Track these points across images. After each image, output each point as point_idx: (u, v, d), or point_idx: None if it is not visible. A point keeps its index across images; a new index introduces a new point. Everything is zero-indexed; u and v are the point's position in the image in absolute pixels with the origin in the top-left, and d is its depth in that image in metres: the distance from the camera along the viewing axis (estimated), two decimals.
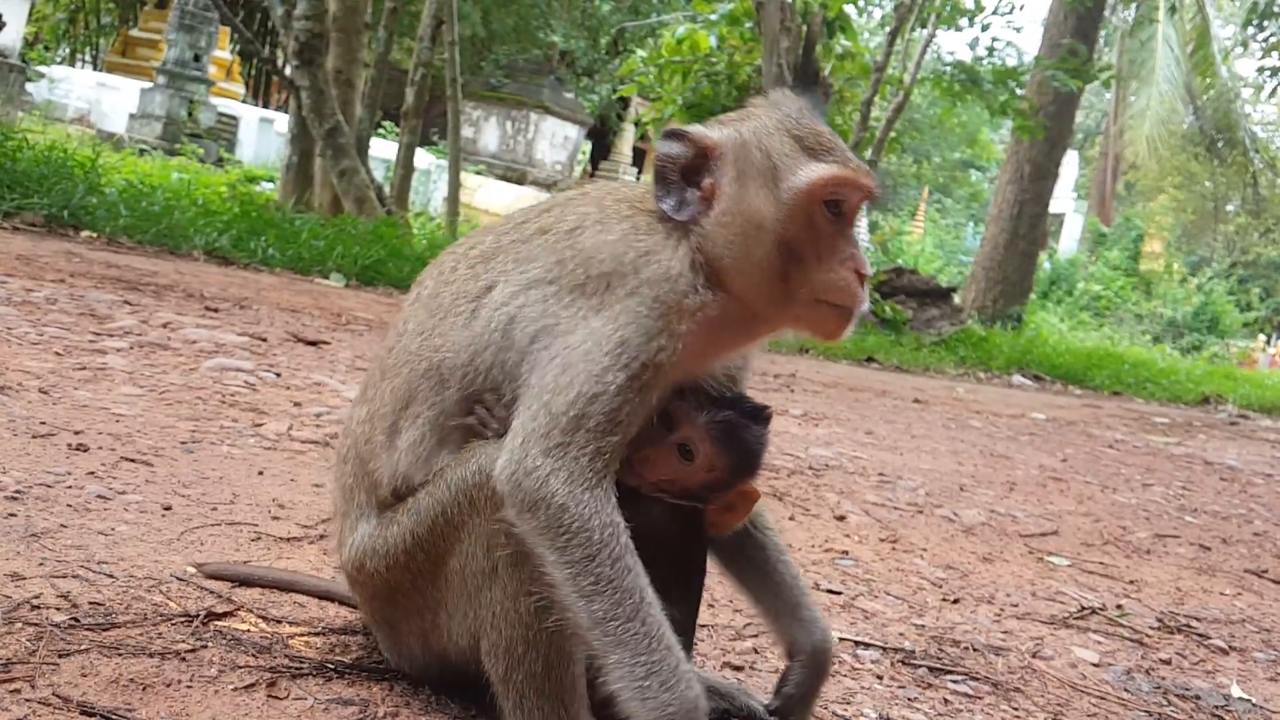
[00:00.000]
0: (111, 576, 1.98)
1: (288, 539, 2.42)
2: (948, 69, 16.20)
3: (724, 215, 1.69)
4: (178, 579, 2.03)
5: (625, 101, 27.44)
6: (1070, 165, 33.72)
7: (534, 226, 1.80)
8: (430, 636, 1.77)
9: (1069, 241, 37.20)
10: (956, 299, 18.21)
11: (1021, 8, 20.28)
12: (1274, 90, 26.87)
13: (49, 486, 2.34)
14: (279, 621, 1.97)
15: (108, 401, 3.11)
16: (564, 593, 1.59)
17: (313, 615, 2.03)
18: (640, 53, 21.16)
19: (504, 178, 24.18)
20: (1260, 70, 24.51)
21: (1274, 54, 23.29)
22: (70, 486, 2.37)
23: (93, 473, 2.50)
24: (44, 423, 2.78)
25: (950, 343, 15.57)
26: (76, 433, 2.75)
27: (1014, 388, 13.46)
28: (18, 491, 2.26)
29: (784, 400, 6.79)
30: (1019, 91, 16.88)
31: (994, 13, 16.66)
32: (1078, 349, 18.48)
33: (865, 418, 6.70)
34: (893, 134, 16.94)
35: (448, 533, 1.70)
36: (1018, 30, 32.19)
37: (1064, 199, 34.33)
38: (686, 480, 1.82)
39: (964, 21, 16.48)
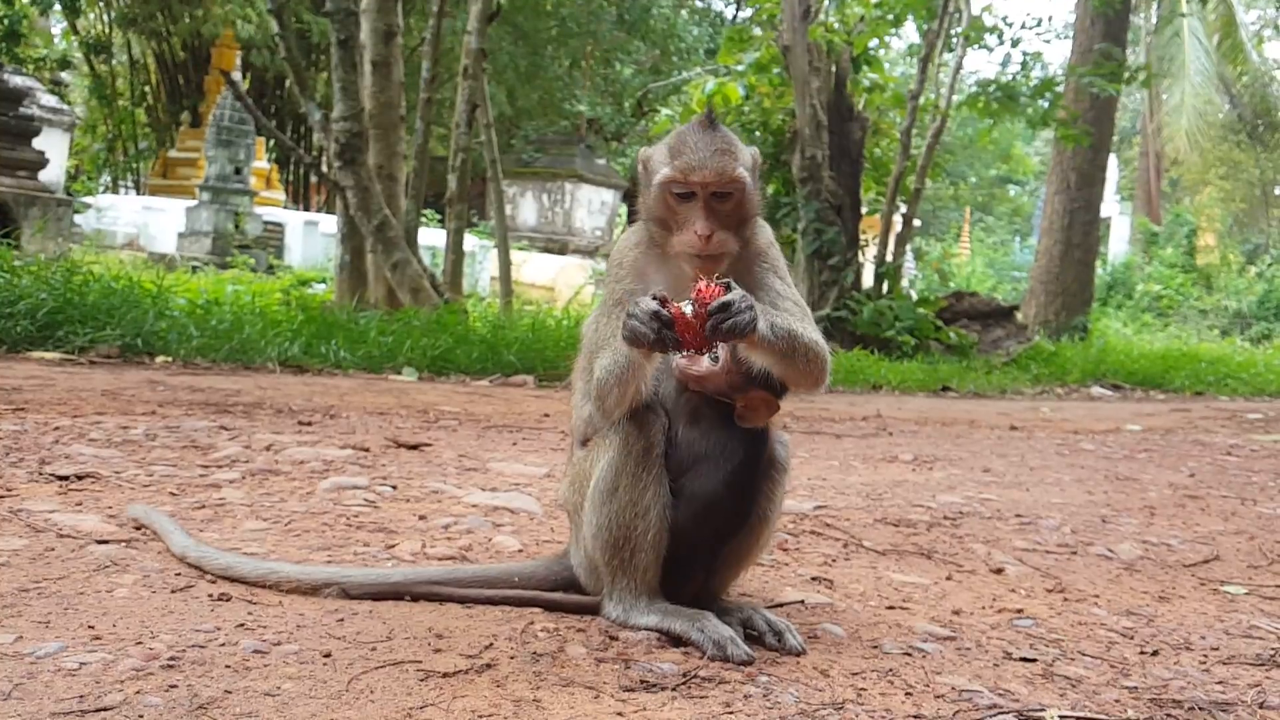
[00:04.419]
0: None
1: (454, 673, 2.25)
2: (988, 88, 16.04)
3: (642, 205, 2.55)
4: None
5: None
6: (1110, 169, 33.33)
7: None
8: None
9: (1118, 244, 36.70)
10: (1019, 316, 17.92)
11: (1050, 19, 20.12)
12: None
13: (202, 647, 2.19)
14: None
15: (235, 540, 2.98)
16: None
17: None
18: (666, 111, 21.18)
19: (545, 249, 24.29)
20: None
21: None
22: (223, 644, 2.22)
23: (242, 624, 2.35)
24: (179, 574, 2.64)
25: (1021, 361, 15.32)
26: (213, 581, 2.61)
27: (1095, 400, 13.14)
28: (172, 658, 2.12)
29: (888, 445, 6.56)
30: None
31: (1023, 27, 16.55)
32: (1150, 352, 18.10)
33: (975, 454, 6.44)
34: (933, 158, 16.83)
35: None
36: (1047, 42, 32.06)
37: (1108, 202, 33.93)
38: (715, 380, 2.40)
39: (993, 40, 16.37)
